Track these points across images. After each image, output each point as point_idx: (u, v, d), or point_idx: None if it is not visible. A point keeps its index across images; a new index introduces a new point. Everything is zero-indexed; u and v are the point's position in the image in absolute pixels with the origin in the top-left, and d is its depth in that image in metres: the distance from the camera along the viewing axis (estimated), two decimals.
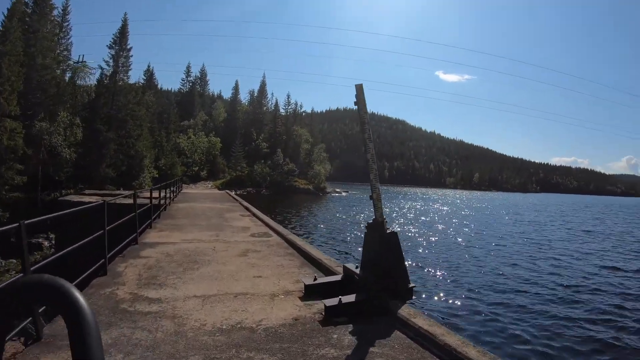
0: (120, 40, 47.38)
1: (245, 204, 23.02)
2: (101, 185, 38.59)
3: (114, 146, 43.10)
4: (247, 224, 14.57)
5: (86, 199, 22.48)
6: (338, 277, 6.48)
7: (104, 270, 6.84)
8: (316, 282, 6.26)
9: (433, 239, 26.38)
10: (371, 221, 5.81)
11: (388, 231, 5.72)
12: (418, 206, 63.41)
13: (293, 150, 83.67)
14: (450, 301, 12.80)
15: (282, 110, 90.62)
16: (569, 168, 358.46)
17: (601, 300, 13.48)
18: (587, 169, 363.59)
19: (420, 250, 21.97)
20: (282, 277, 7.11)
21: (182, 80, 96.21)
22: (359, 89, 5.83)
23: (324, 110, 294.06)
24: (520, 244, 25.81)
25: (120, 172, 43.81)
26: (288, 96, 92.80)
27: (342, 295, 5.38)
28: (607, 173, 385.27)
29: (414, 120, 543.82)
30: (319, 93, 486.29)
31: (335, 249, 21.34)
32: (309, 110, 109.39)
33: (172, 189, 23.59)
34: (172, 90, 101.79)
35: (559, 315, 11.67)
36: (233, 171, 74.24)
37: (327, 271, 7.52)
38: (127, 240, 9.09)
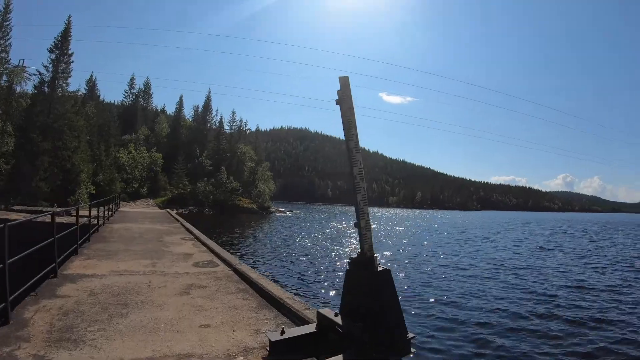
0: (62, 45, 44.42)
1: (187, 225, 21.20)
2: (33, 201, 36.42)
3: (49, 158, 39.98)
4: (189, 249, 12.93)
5: (13, 215, 21.12)
6: (312, 328, 5.02)
7: (5, 317, 5.19)
8: (284, 336, 4.71)
9: (403, 264, 24.06)
10: (356, 255, 4.68)
11: (380, 268, 4.51)
12: (373, 226, 63.49)
13: (237, 169, 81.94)
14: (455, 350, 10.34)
15: (226, 127, 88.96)
16: (508, 186, 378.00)
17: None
18: (525, 187, 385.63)
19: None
20: (237, 325, 5.73)
21: (125, 92, 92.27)
22: (344, 82, 4.73)
23: (268, 129, 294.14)
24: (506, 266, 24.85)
25: (55, 187, 40.66)
26: (233, 113, 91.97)
27: (320, 354, 4.27)
28: (544, 190, 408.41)
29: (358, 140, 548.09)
30: (263, 111, 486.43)
31: (293, 283, 17.90)
32: (253, 128, 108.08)
33: (108, 206, 21.81)
34: (115, 103, 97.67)
35: None
36: (175, 189, 71.47)
37: (294, 316, 6.20)
38: (44, 271, 7.44)
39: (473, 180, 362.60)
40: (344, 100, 4.70)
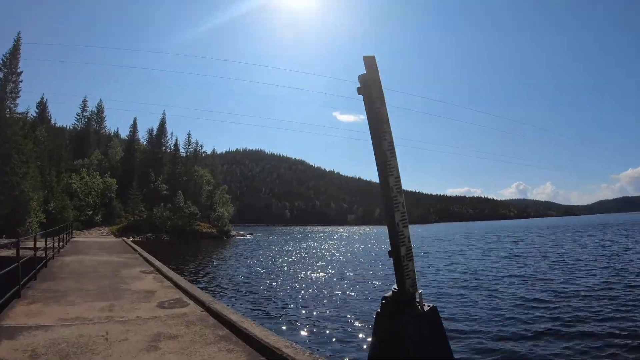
0: (11, 63, 42.16)
1: (146, 254, 19.34)
2: None
3: None
4: (151, 285, 11.22)
5: None
6: None
7: None
8: None
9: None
10: (392, 293, 3.70)
11: (426, 307, 3.57)
12: (338, 245, 63.33)
13: (194, 192, 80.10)
14: None
15: (182, 150, 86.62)
16: (464, 197, 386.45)
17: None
18: (481, 197, 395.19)
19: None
20: None
21: (77, 115, 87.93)
22: (370, 63, 3.69)
23: (224, 151, 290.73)
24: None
25: (2, 216, 37.98)
26: (188, 135, 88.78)
27: None
28: (499, 199, 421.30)
29: (313, 160, 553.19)
30: (218, 134, 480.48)
31: (281, 323, 13.89)
32: (209, 151, 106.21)
33: (59, 237, 20.28)
34: (67, 127, 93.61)
35: None
36: (131, 215, 68.67)
37: None
38: None
39: (429, 193, 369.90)
40: (371, 85, 3.62)
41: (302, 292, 19.60)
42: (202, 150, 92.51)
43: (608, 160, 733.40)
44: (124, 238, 42.77)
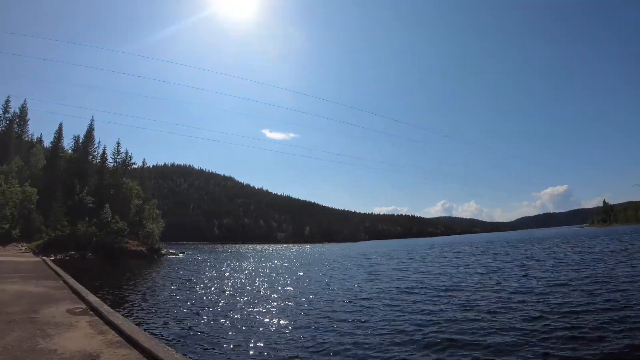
0: None
1: (73, 282, 15.06)
2: None
3: None
4: (89, 340, 7.18)
5: None
6: None
7: None
8: None
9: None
10: None
11: None
12: (279, 264, 60.71)
13: (122, 206, 74.63)
14: None
15: (110, 160, 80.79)
16: (392, 215, 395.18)
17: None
18: (408, 215, 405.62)
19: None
20: None
21: None
22: None
23: (151, 166, 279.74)
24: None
25: None
26: (118, 144, 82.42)
27: None
28: (426, 217, 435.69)
29: (242, 177, 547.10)
30: (146, 147, 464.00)
31: None
32: (139, 163, 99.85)
33: None
34: None
35: None
36: (52, 230, 61.81)
37: None
38: None
39: (357, 212, 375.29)
40: None
41: (269, 327, 15.86)
42: (132, 162, 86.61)
43: (529, 178, 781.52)
44: (45, 257, 38.20)
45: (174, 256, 76.91)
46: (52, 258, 52.74)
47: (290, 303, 21.18)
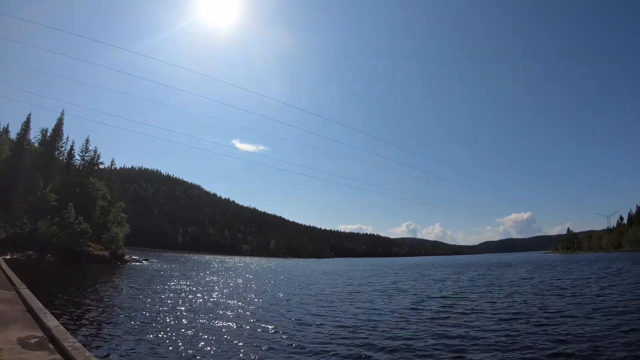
0: None
1: (29, 295, 11.73)
2: None
3: None
4: None
5: None
6: None
7: None
8: None
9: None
10: None
11: None
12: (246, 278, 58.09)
13: (87, 207, 70.59)
14: None
15: (77, 157, 76.70)
16: (357, 234, 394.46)
17: None
18: (373, 234, 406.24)
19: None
20: None
21: None
22: None
23: (117, 167, 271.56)
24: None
25: None
26: (87, 141, 77.67)
27: None
28: (391, 237, 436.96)
29: (209, 186, 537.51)
30: (113, 148, 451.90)
31: None
32: (107, 163, 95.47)
33: None
34: None
35: None
36: (10, 227, 57.47)
37: None
38: None
39: (323, 228, 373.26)
40: None
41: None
42: (100, 161, 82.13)
43: (493, 204, 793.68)
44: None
45: (137, 263, 73.22)
46: (8, 257, 49.18)
47: (266, 326, 19.01)
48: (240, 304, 26.98)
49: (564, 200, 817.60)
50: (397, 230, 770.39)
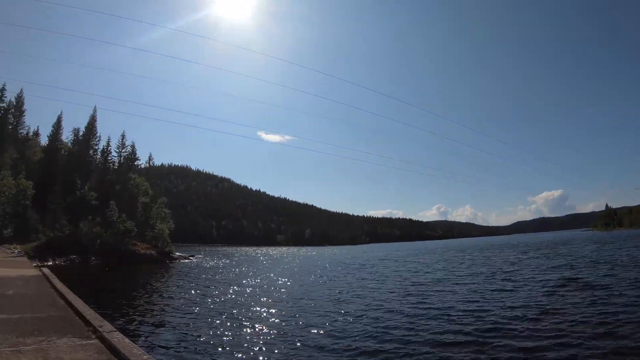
0: None
1: (122, 344, 5.79)
2: None
3: None
4: None
5: None
6: None
7: None
8: None
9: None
10: None
11: None
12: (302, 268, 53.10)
13: (129, 205, 65.69)
14: None
15: (114, 154, 71.62)
16: (390, 219, 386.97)
17: None
18: (406, 218, 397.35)
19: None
20: None
21: None
22: None
23: (147, 166, 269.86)
24: None
25: None
26: (123, 136, 72.50)
27: None
28: (423, 221, 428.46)
29: (239, 179, 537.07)
30: (144, 146, 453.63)
31: None
32: (145, 158, 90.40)
33: None
34: None
35: None
36: (50, 231, 53.15)
37: None
38: None
39: (355, 214, 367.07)
40: None
41: None
42: (137, 156, 76.68)
43: (523, 182, 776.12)
44: (44, 268, 29.62)
45: (186, 260, 67.92)
46: (50, 264, 44.64)
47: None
48: (336, 301, 22.44)
49: (596, 177, 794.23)
50: (427, 214, 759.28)
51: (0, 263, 29.86)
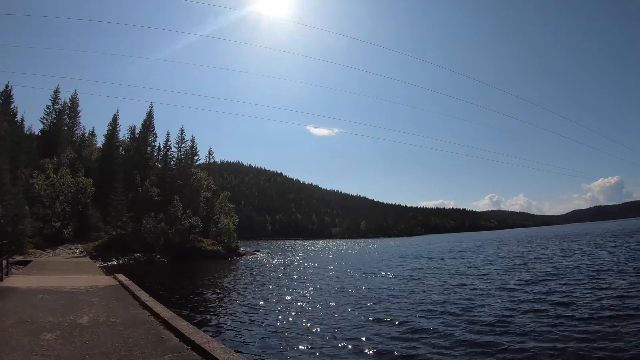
0: None
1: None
2: None
3: None
4: None
5: None
6: None
7: None
8: None
9: None
10: None
11: None
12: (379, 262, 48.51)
13: (191, 200, 62.59)
14: None
15: (173, 149, 68.68)
16: (444, 209, 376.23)
17: None
18: (459, 209, 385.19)
19: None
20: None
21: (47, 108, 67.87)
22: None
23: (199, 163, 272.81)
24: None
25: None
26: (182, 131, 69.45)
27: None
28: (476, 211, 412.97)
29: (291, 173, 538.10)
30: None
31: None
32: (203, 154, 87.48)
33: None
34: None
35: None
36: (112, 228, 50.44)
37: None
38: None
39: (407, 205, 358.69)
40: None
41: None
42: (198, 151, 73.41)
43: (578, 170, 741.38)
44: (117, 275, 26.01)
45: (251, 256, 64.28)
46: (114, 263, 42.12)
47: None
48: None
49: None
50: (480, 204, 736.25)
51: (65, 266, 26.52)
